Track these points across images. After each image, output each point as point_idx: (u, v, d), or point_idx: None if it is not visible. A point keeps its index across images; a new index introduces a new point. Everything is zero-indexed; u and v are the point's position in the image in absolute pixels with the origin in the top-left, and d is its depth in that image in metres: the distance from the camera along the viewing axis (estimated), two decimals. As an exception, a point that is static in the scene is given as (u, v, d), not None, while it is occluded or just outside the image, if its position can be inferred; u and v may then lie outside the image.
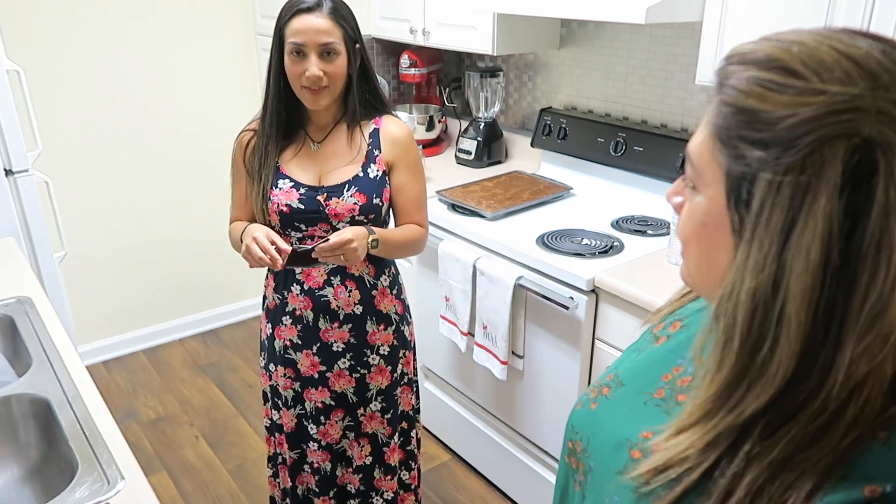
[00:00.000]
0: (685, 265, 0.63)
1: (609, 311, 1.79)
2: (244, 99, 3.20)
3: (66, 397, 1.28)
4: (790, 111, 0.49)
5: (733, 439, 0.55)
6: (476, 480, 2.40)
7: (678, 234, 0.62)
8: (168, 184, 3.12)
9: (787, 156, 0.49)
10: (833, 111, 0.48)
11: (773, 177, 0.50)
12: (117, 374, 3.09)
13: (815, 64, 0.49)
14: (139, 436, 2.68)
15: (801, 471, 0.51)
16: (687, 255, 0.62)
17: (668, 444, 0.59)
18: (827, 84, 0.48)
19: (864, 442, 0.51)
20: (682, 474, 0.57)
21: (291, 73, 1.51)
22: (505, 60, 2.79)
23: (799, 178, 0.48)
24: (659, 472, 0.59)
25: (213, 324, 3.45)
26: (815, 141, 0.48)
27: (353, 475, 1.81)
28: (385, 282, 1.70)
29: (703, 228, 0.57)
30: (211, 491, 2.41)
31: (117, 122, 2.92)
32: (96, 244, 3.02)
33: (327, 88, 1.52)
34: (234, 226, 1.69)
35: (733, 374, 0.54)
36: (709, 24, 1.70)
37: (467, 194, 2.33)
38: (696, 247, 0.60)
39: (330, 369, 1.70)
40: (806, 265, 0.49)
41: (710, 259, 0.58)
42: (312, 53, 1.48)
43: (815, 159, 0.48)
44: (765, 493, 0.52)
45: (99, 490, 1.03)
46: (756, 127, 0.51)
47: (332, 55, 1.49)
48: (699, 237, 0.58)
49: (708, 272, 0.59)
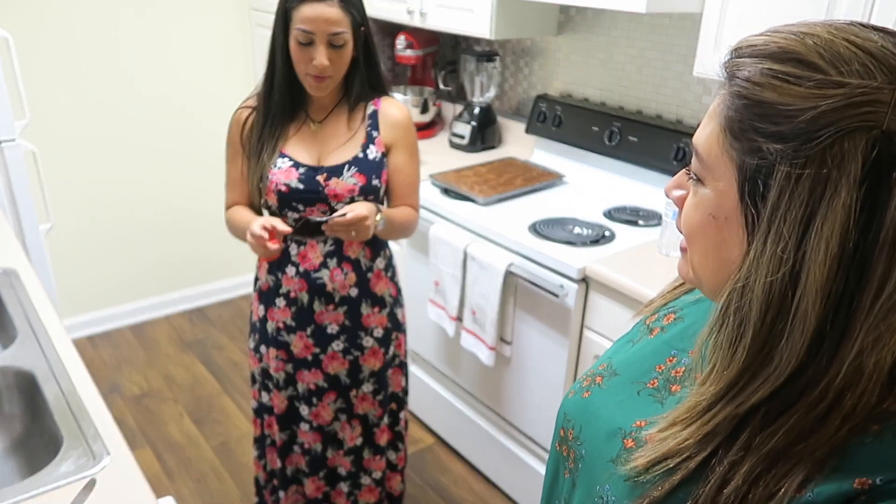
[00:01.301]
0: (688, 259, 0.62)
1: (599, 301, 1.79)
2: (236, 73, 3.16)
3: (52, 371, 1.26)
4: (810, 104, 0.49)
5: (732, 429, 0.55)
6: (459, 464, 2.41)
7: (681, 227, 0.62)
8: (158, 158, 3.08)
9: (806, 148, 0.49)
10: (853, 103, 0.47)
11: (791, 169, 0.49)
12: (102, 349, 3.07)
13: (833, 57, 0.49)
14: (123, 411, 2.67)
15: (797, 460, 0.52)
16: (691, 249, 0.61)
17: (663, 434, 0.59)
18: (846, 77, 0.48)
19: (857, 434, 0.52)
20: (680, 464, 0.58)
21: (297, 58, 1.50)
22: (502, 45, 2.77)
23: (819, 171, 0.48)
24: (656, 462, 0.59)
25: (199, 301, 3.43)
26: (835, 133, 0.48)
27: (344, 458, 1.82)
28: (381, 264, 1.69)
29: (713, 222, 0.57)
30: (194, 468, 2.41)
31: (107, 94, 2.87)
32: (83, 217, 2.98)
33: (331, 77, 1.51)
34: (232, 212, 1.66)
35: (742, 368, 0.54)
36: (709, 16, 1.69)
37: (460, 179, 2.32)
38: (703, 240, 0.59)
39: (323, 351, 1.69)
40: (824, 258, 0.49)
41: (718, 253, 0.57)
42: (320, 42, 1.46)
43: (835, 152, 0.48)
44: (761, 482, 0.53)
45: (84, 465, 1.02)
46: (773, 119, 0.50)
47: (340, 44, 1.48)
48: (707, 231, 0.58)
49: (715, 266, 0.58)
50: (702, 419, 0.57)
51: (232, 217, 1.66)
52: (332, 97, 1.61)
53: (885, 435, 0.51)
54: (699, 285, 0.63)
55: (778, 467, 0.52)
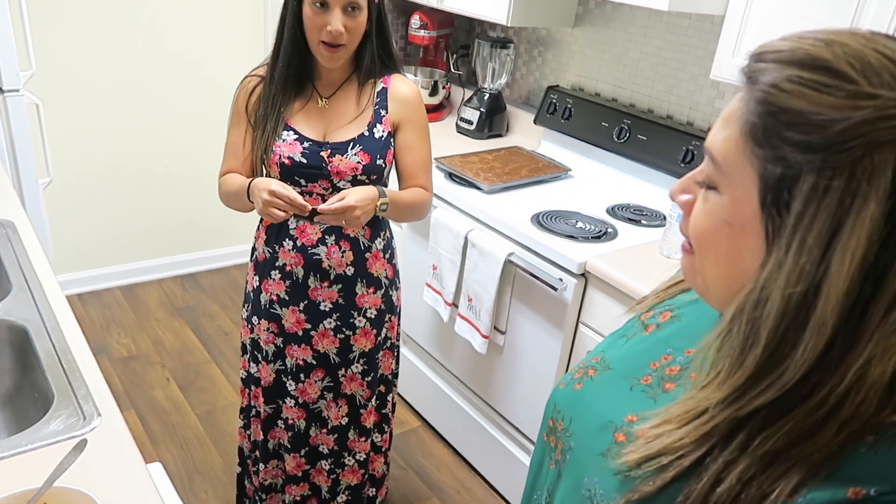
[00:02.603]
0: (695, 263, 0.61)
1: (596, 296, 1.79)
2: (247, 35, 3.12)
3: (45, 327, 1.25)
4: (842, 114, 0.48)
5: (729, 430, 0.55)
6: (444, 449, 2.42)
7: (688, 232, 0.60)
8: (161, 120, 3.05)
9: (836, 159, 0.48)
10: (885, 116, 0.47)
11: (818, 180, 0.49)
12: (92, 308, 3.05)
13: (864, 67, 0.48)
14: (109, 372, 2.66)
15: (792, 463, 0.52)
16: (701, 256, 0.59)
17: (657, 431, 0.59)
18: (877, 88, 0.48)
19: (853, 442, 0.51)
20: (673, 461, 0.57)
21: (311, 24, 1.46)
22: (517, 33, 2.74)
23: (849, 184, 0.48)
24: (649, 459, 0.59)
25: (193, 267, 3.41)
26: (866, 145, 0.47)
27: (327, 436, 1.81)
28: (379, 245, 1.68)
29: (727, 229, 0.55)
30: (178, 434, 2.41)
31: (115, 52, 2.83)
32: (82, 174, 2.95)
33: (345, 46, 1.48)
34: (227, 177, 1.62)
35: (749, 375, 0.53)
36: (731, 19, 1.67)
37: (465, 164, 2.30)
38: (715, 248, 0.57)
39: (315, 328, 1.68)
40: (848, 270, 0.48)
41: (731, 261, 0.56)
42: (337, 7, 1.43)
43: (865, 164, 0.47)
44: (754, 484, 0.53)
45: (74, 425, 1.01)
46: (801, 129, 0.49)
47: (356, 10, 1.45)
48: (720, 238, 0.56)
49: (727, 273, 0.57)
50: (699, 420, 0.56)
51: (227, 181, 1.62)
52: (341, 72, 1.58)
53: (881, 446, 0.51)
54: (705, 290, 0.62)
55: (772, 469, 0.52)
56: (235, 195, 1.59)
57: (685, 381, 0.66)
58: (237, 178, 1.60)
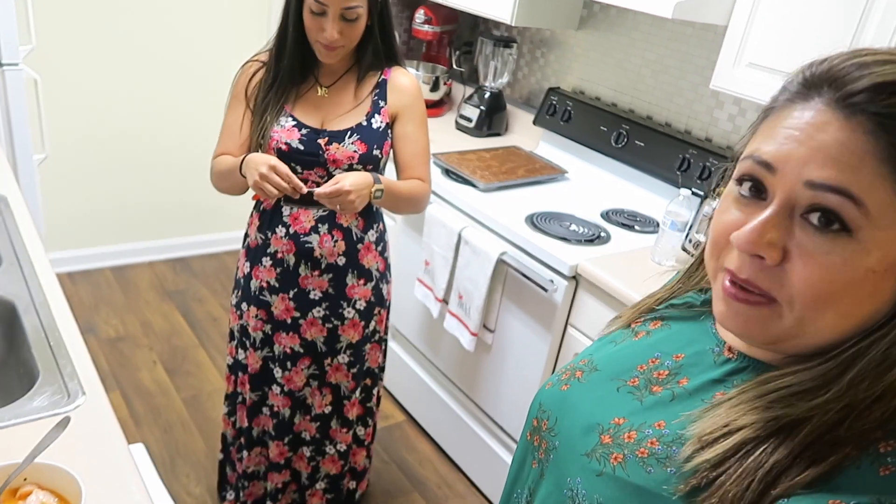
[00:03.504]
0: (801, 322, 0.55)
1: (586, 299, 1.79)
2: (249, 19, 3.10)
3: (33, 302, 1.25)
4: None
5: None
6: (427, 444, 2.43)
7: (803, 288, 0.53)
8: (159, 102, 3.04)
9: None
10: None
11: None
12: (81, 287, 3.04)
13: None
14: (96, 352, 2.65)
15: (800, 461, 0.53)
16: (821, 310, 0.53)
17: (723, 431, 0.57)
18: None
19: (861, 443, 0.53)
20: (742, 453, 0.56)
21: (308, 27, 1.48)
22: (520, 32, 2.74)
23: None
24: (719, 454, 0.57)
25: (185, 251, 3.40)
26: None
27: (310, 423, 1.81)
28: (372, 237, 1.68)
29: (871, 276, 0.51)
30: (162, 417, 2.40)
31: (116, 31, 2.82)
32: (79, 152, 2.93)
33: (343, 47, 1.50)
34: (221, 159, 1.63)
35: (872, 389, 0.53)
36: (734, 30, 1.68)
37: (463, 161, 2.30)
38: (850, 299, 0.52)
39: (303, 316, 1.68)
40: None
41: (863, 309, 0.53)
42: (333, 15, 1.44)
43: None
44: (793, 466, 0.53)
45: (58, 402, 1.01)
46: None
47: (353, 18, 1.47)
48: (860, 288, 0.52)
49: (854, 322, 0.54)
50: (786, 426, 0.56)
51: (221, 161, 1.61)
52: (342, 63, 1.59)
53: (863, 462, 0.52)
54: (786, 342, 0.57)
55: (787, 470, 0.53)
56: (228, 172, 1.58)
57: (674, 386, 0.66)
58: (230, 158, 1.60)
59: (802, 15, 1.55)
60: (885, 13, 1.42)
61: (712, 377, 0.64)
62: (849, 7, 1.47)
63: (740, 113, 2.07)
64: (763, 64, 1.63)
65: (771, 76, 1.61)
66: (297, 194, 1.48)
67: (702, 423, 0.59)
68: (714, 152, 2.04)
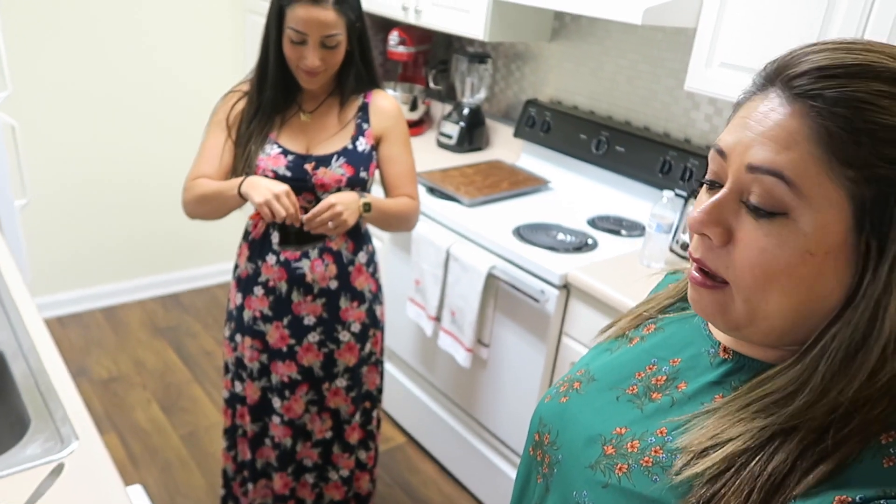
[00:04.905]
0: (738, 300, 0.56)
1: (578, 308, 1.80)
2: (224, 59, 3.12)
3: (21, 349, 1.23)
4: None
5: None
6: (430, 465, 2.41)
7: (739, 267, 0.55)
8: (139, 140, 3.03)
9: None
10: None
11: None
12: (71, 331, 3.01)
13: None
14: (89, 395, 2.62)
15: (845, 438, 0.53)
16: (764, 292, 0.55)
17: (712, 442, 0.57)
18: None
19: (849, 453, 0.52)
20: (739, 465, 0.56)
21: (289, 55, 1.49)
22: (494, 48, 2.77)
23: None
24: (713, 466, 0.57)
25: (174, 287, 3.38)
26: None
27: (312, 449, 1.80)
28: (362, 258, 1.68)
29: (809, 258, 0.52)
30: (160, 456, 2.37)
31: (92, 72, 2.82)
32: (60, 195, 2.92)
33: (324, 72, 1.51)
34: (201, 181, 1.57)
35: (850, 387, 0.53)
36: (703, 32, 1.70)
37: (446, 179, 2.31)
38: (789, 281, 0.53)
39: (299, 343, 1.67)
40: None
41: (808, 292, 0.54)
42: (313, 43, 1.46)
43: None
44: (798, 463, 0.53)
45: (52, 448, 1.00)
46: None
47: (333, 45, 1.48)
48: (799, 269, 0.52)
49: (799, 304, 0.55)
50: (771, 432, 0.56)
51: (202, 184, 1.55)
52: (324, 88, 1.60)
53: (865, 455, 0.52)
54: (748, 325, 0.57)
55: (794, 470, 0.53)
56: (215, 194, 1.54)
57: (672, 391, 0.66)
58: (214, 181, 1.56)
59: (769, 13, 1.57)
60: (848, 7, 1.44)
61: (710, 379, 0.64)
62: (812, 2, 1.49)
63: (716, 112, 2.09)
64: (735, 63, 1.65)
65: (743, 74, 1.63)
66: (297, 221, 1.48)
67: (689, 435, 0.60)
68: (694, 153, 2.06)
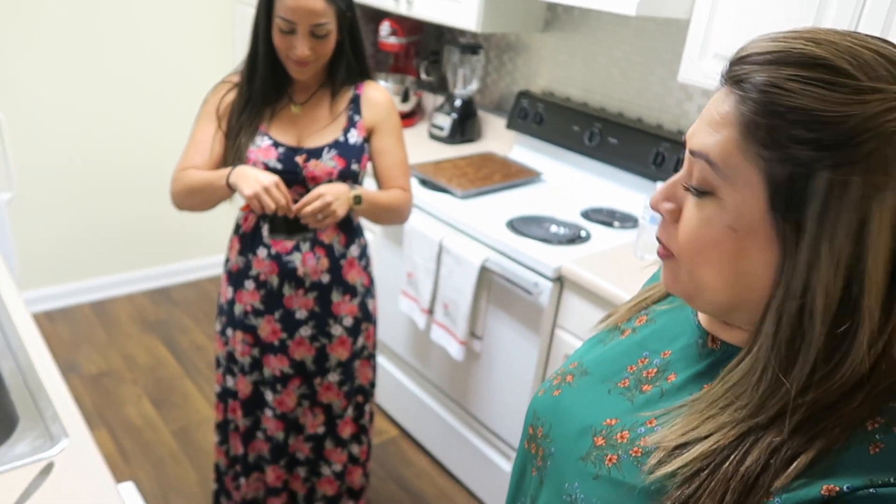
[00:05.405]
0: (684, 271, 0.60)
1: (572, 300, 1.79)
2: (214, 50, 3.08)
3: (9, 346, 1.22)
4: (850, 110, 0.49)
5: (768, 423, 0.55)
6: (423, 458, 2.40)
7: (680, 241, 0.59)
8: (128, 132, 3.00)
9: (850, 155, 0.49)
10: (890, 108, 0.49)
11: (835, 176, 0.50)
12: (60, 326, 2.98)
13: (860, 63, 0.50)
14: (79, 390, 2.60)
15: (816, 434, 0.53)
16: (695, 263, 0.58)
17: (684, 440, 0.58)
18: (877, 82, 0.49)
19: (834, 441, 0.52)
20: (711, 465, 0.56)
21: (279, 45, 1.47)
22: (486, 39, 2.75)
23: (866, 176, 0.49)
24: (685, 466, 0.57)
25: (163, 281, 3.35)
26: (878, 138, 0.49)
27: (304, 443, 1.79)
28: (354, 252, 1.66)
29: (732, 234, 0.55)
30: (152, 451, 2.36)
31: (79, 65, 2.78)
32: (48, 188, 2.88)
33: (314, 62, 1.49)
34: (190, 172, 1.54)
35: (805, 376, 0.53)
36: (697, 23, 1.69)
37: (438, 171, 2.30)
38: (717, 255, 0.57)
39: (291, 337, 1.66)
40: (881, 260, 0.50)
41: (736, 266, 0.56)
42: (303, 32, 1.44)
43: (879, 156, 0.49)
44: (777, 456, 0.53)
45: (41, 447, 0.98)
46: (811, 126, 0.50)
47: (323, 34, 1.46)
48: (724, 245, 0.56)
49: (730, 277, 0.57)
50: (730, 425, 0.56)
51: (191, 174, 1.53)
52: (315, 80, 1.58)
53: (852, 442, 0.52)
54: (694, 295, 0.61)
55: (797, 439, 0.53)
56: (204, 185, 1.51)
57: (662, 383, 0.66)
58: (203, 172, 1.54)
59: (763, 4, 1.56)
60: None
61: (698, 370, 0.65)
62: (808, -8, 1.49)
63: (709, 104, 2.09)
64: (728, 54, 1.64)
65: (737, 65, 1.62)
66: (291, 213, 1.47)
67: (661, 432, 0.60)
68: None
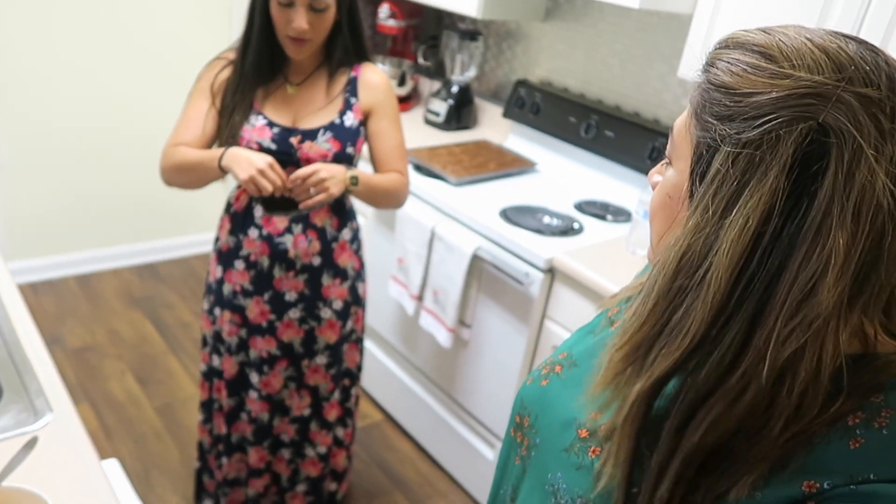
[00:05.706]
0: (651, 240, 0.64)
1: (562, 292, 1.79)
2: (211, 25, 3.04)
3: (-6, 318, 1.20)
4: (759, 90, 0.51)
5: (651, 418, 0.56)
6: (406, 443, 2.41)
7: (650, 208, 0.64)
8: (119, 105, 2.96)
9: (747, 131, 0.51)
10: (796, 94, 0.50)
11: (731, 149, 0.52)
12: (45, 298, 2.95)
13: (790, 51, 0.52)
14: (63, 364, 2.58)
15: (744, 462, 0.53)
16: (652, 230, 0.63)
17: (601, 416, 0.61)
18: (795, 70, 0.51)
19: (805, 437, 0.52)
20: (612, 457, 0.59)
21: (277, 20, 1.45)
22: (486, 25, 2.73)
23: (754, 152, 0.50)
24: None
25: (151, 257, 3.32)
26: (774, 119, 0.50)
27: (289, 425, 1.79)
28: (346, 235, 1.65)
29: (668, 201, 0.60)
30: (135, 428, 2.34)
31: (72, 36, 2.73)
32: (35, 159, 2.84)
33: (311, 40, 1.47)
34: (180, 149, 1.52)
35: (649, 332, 0.56)
36: (700, 18, 1.68)
37: (433, 157, 2.29)
38: (660, 219, 0.61)
39: (279, 318, 1.65)
40: (740, 235, 0.50)
41: (671, 232, 0.59)
42: (301, 5, 1.41)
43: (771, 137, 0.50)
44: (702, 482, 0.54)
45: (25, 420, 0.97)
46: (726, 104, 0.53)
47: (322, 8, 1.43)
48: (663, 210, 0.61)
49: (666, 242, 0.60)
50: (615, 382, 0.58)
51: (181, 151, 1.51)
52: (312, 60, 1.56)
53: (833, 437, 0.52)
54: (652, 262, 0.64)
55: (722, 468, 0.53)
56: (195, 164, 1.49)
57: None
58: (195, 150, 1.52)
59: (768, 1, 1.56)
60: (847, -2, 1.44)
61: None
62: (812, -7, 1.48)
63: (707, 100, 2.08)
64: (730, 51, 1.64)
65: (738, 63, 1.62)
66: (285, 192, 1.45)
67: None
68: (683, 140, 2.05)
